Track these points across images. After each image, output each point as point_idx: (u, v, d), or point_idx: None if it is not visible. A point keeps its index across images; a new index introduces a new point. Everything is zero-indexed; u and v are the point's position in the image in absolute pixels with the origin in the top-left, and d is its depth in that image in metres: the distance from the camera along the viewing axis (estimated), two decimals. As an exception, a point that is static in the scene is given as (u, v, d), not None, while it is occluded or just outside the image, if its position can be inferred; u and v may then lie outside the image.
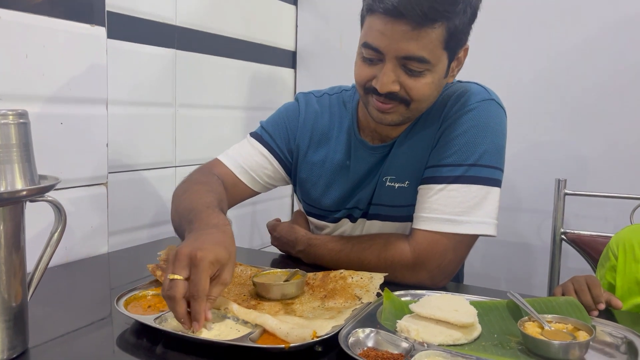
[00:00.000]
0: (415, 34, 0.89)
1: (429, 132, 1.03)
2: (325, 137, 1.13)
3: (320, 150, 1.13)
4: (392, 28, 0.89)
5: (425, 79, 0.94)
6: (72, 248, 1.19)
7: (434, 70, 0.94)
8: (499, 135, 1.01)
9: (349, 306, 0.84)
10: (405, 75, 0.93)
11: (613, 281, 1.01)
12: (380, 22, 0.91)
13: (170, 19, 1.48)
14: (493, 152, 0.99)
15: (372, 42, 0.93)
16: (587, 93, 1.61)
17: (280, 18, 2.02)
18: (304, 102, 1.18)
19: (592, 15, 1.59)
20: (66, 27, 1.13)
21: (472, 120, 0.99)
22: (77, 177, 1.19)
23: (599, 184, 1.55)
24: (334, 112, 1.15)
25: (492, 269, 1.78)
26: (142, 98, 1.42)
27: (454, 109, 1.01)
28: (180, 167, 1.56)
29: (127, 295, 0.86)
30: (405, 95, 0.95)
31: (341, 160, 1.11)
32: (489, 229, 0.97)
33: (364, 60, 0.97)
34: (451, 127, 1.00)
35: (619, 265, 1.00)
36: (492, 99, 1.03)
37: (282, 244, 1.18)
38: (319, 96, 1.19)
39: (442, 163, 0.99)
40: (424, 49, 0.90)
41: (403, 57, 0.91)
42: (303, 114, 1.16)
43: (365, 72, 0.97)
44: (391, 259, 0.99)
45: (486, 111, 1.00)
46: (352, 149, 1.10)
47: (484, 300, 0.88)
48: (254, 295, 0.90)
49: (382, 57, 0.93)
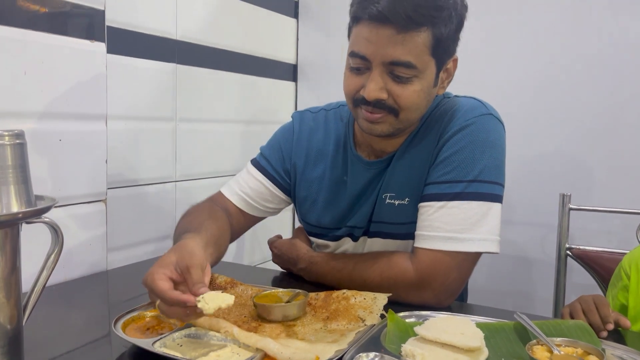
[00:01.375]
0: (401, 38, 0.89)
1: (426, 148, 1.02)
2: (321, 153, 1.12)
3: (318, 166, 1.12)
4: (378, 33, 0.90)
5: (413, 86, 0.93)
6: (70, 266, 1.17)
7: (422, 77, 0.93)
8: (498, 149, 1.00)
9: (352, 328, 0.82)
10: (392, 83, 0.93)
11: (625, 301, 0.99)
12: (366, 29, 0.91)
13: (170, 34, 1.48)
14: (493, 168, 0.98)
15: (359, 50, 0.93)
16: (591, 106, 1.60)
17: (281, 31, 2.01)
18: (298, 121, 1.17)
19: (597, 25, 1.59)
20: (65, 43, 1.13)
21: (471, 136, 0.98)
22: (76, 194, 1.17)
23: (604, 199, 1.53)
24: (330, 127, 1.14)
25: (497, 284, 1.75)
26: (143, 113, 1.41)
27: (451, 124, 1.00)
28: (180, 182, 1.55)
29: (125, 317, 0.84)
30: (394, 103, 0.94)
31: (338, 176, 1.10)
32: (492, 246, 0.96)
33: (351, 70, 0.97)
34: (449, 143, 0.98)
35: (632, 285, 0.98)
36: (490, 113, 1.01)
37: (283, 261, 1.17)
38: (316, 112, 1.18)
39: (441, 180, 0.98)
40: (410, 54, 0.90)
41: (390, 63, 0.91)
42: (297, 132, 1.15)
43: (353, 82, 0.96)
44: (394, 278, 0.97)
45: (484, 126, 0.99)
46: (349, 164, 1.09)
47: (491, 321, 0.86)
48: (255, 317, 0.88)
49: (369, 65, 0.93)
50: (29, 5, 1.06)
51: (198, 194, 1.60)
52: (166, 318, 0.83)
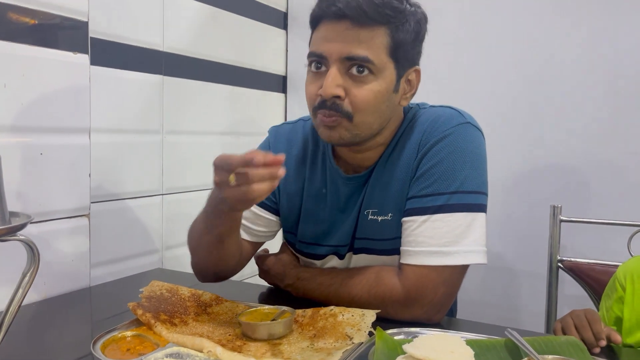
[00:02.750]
0: (357, 31, 0.90)
1: (405, 161, 1.00)
2: (300, 165, 1.11)
3: (298, 179, 1.10)
4: (335, 29, 0.92)
5: (371, 85, 0.92)
6: (51, 283, 1.14)
7: (380, 78, 0.93)
8: (479, 158, 0.98)
9: (340, 347, 0.80)
10: (350, 81, 0.92)
11: (620, 313, 0.98)
12: (324, 28, 0.94)
13: (157, 45, 1.46)
14: (474, 177, 0.96)
15: (316, 49, 0.94)
16: (582, 117, 1.60)
17: (270, 43, 2.00)
18: (273, 136, 1.16)
19: (587, 32, 1.59)
20: (47, 55, 1.10)
21: (450, 147, 0.96)
22: (57, 209, 1.15)
23: (595, 210, 1.53)
24: (308, 138, 1.12)
25: (488, 297, 1.74)
26: (129, 125, 1.39)
27: (429, 136, 0.98)
28: (167, 195, 1.53)
29: (105, 337, 0.82)
30: (349, 105, 0.92)
31: (317, 189, 1.08)
32: (479, 257, 0.94)
33: (312, 75, 0.96)
34: (428, 156, 0.97)
35: (627, 296, 0.97)
36: (468, 122, 0.99)
37: (270, 277, 1.14)
38: (294, 123, 1.17)
39: (423, 193, 0.96)
40: (368, 50, 0.91)
41: (346, 58, 0.91)
42: (273, 147, 1.14)
43: (312, 86, 0.96)
44: (382, 295, 0.95)
45: (463, 135, 0.97)
46: (328, 176, 1.07)
47: (481, 338, 0.84)
48: (240, 336, 0.86)
49: (327, 64, 0.93)
50: (9, 17, 1.04)
51: (186, 207, 1.58)
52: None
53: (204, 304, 0.98)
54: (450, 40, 1.75)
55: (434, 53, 1.72)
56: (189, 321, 0.91)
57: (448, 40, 1.75)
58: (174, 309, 0.93)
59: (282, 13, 2.05)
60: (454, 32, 1.75)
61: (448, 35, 1.75)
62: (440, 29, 1.75)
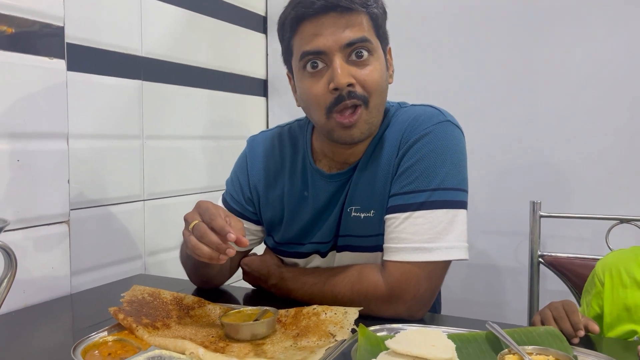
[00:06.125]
0: (346, 18, 0.93)
1: (387, 159, 1.01)
2: (279, 172, 1.11)
3: (278, 186, 1.11)
4: (324, 23, 0.93)
5: (372, 66, 0.95)
6: (31, 291, 1.12)
7: (377, 57, 0.96)
8: (459, 155, 0.99)
9: (323, 345, 0.80)
10: (354, 68, 0.94)
11: (599, 309, 0.99)
12: (310, 26, 0.94)
13: (135, 50, 1.45)
14: (454, 174, 0.97)
15: (312, 47, 0.94)
16: (559, 113, 1.62)
17: (250, 47, 2.01)
18: (250, 147, 1.17)
19: (568, 32, 1.62)
20: (22, 61, 1.09)
21: (430, 144, 0.97)
22: (36, 215, 1.13)
23: (574, 205, 1.55)
24: (285, 144, 1.13)
25: (471, 294, 1.75)
26: (108, 131, 1.38)
27: (410, 134, 0.99)
28: (149, 201, 1.52)
29: (86, 342, 0.81)
30: (362, 91, 0.94)
31: (299, 192, 1.08)
32: (461, 253, 0.95)
33: (310, 76, 0.96)
34: (409, 153, 0.98)
35: (606, 291, 0.98)
36: (447, 120, 1.01)
37: (254, 278, 1.14)
38: (271, 131, 1.18)
39: (404, 190, 0.97)
40: (361, 31, 0.94)
41: (346, 45, 0.93)
42: (250, 158, 1.15)
43: (316, 87, 0.95)
44: (365, 292, 0.95)
45: (442, 133, 0.99)
46: (309, 179, 1.07)
47: (462, 332, 0.85)
48: (223, 337, 0.86)
49: (327, 59, 0.94)
50: (-17, 23, 1.03)
51: (168, 212, 1.57)
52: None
53: (186, 307, 0.97)
54: (429, 41, 1.77)
55: (417, 54, 1.75)
56: (172, 324, 0.90)
57: (427, 42, 1.77)
58: (156, 313, 0.92)
59: (262, 17, 2.05)
60: (434, 34, 1.77)
61: (429, 36, 1.77)
62: (423, 30, 1.78)
